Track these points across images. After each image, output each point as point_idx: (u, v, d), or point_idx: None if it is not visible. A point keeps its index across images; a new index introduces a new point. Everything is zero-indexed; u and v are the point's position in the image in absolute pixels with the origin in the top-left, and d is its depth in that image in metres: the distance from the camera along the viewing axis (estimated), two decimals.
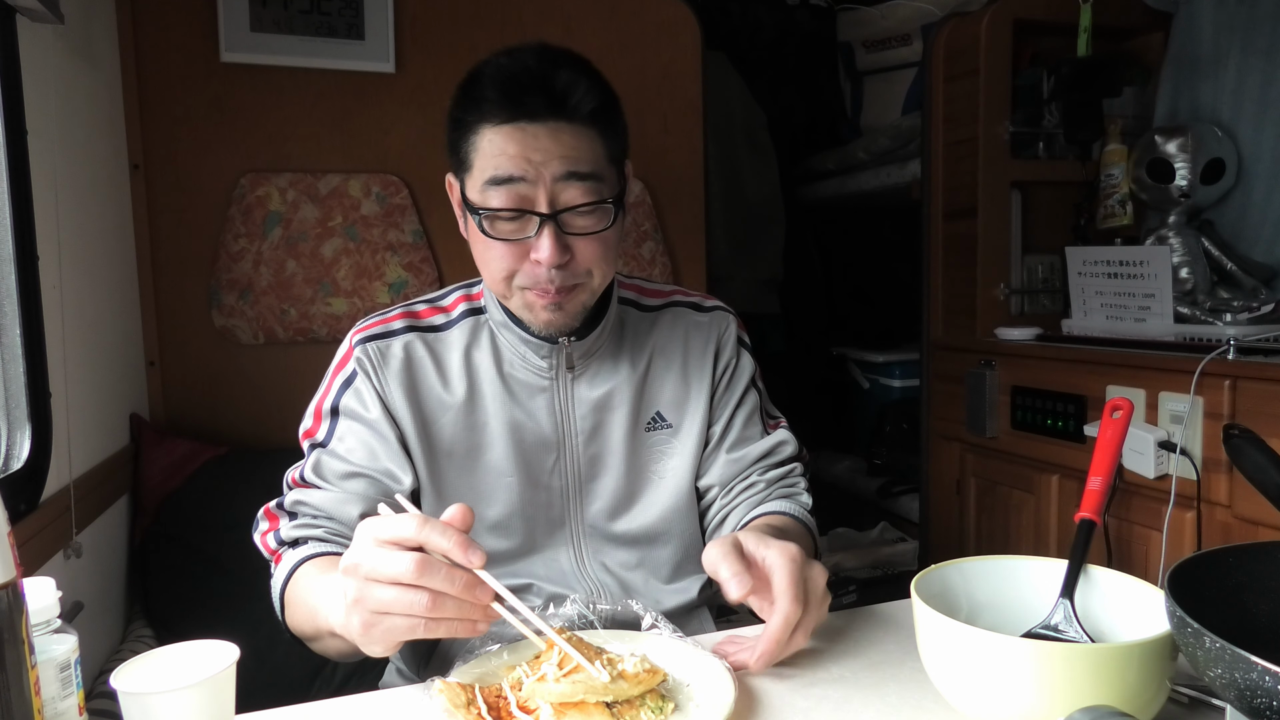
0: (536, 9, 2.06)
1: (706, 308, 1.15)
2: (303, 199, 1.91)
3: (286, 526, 0.97)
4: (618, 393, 1.06)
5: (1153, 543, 1.61)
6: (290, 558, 0.95)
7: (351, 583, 0.71)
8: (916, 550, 2.57)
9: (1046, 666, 0.63)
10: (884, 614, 0.95)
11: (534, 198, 0.91)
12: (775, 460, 1.12)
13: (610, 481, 1.05)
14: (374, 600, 0.69)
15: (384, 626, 0.70)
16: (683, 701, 0.75)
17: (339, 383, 1.02)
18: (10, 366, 1.25)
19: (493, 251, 0.94)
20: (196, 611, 1.58)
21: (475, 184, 0.93)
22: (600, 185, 0.93)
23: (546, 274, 0.92)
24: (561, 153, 0.90)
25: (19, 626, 0.59)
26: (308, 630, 0.91)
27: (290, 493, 1.00)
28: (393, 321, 1.04)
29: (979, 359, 2.03)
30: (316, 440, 1.01)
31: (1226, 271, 1.86)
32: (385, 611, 0.69)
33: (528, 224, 0.92)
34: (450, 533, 0.69)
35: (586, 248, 0.94)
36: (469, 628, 0.71)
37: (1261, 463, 1.12)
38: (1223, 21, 1.90)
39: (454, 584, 0.68)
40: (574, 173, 0.91)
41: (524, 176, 0.90)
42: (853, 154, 2.86)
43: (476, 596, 0.69)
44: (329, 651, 0.92)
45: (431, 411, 1.01)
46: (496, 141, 0.91)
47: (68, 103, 1.46)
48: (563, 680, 0.70)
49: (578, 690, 0.70)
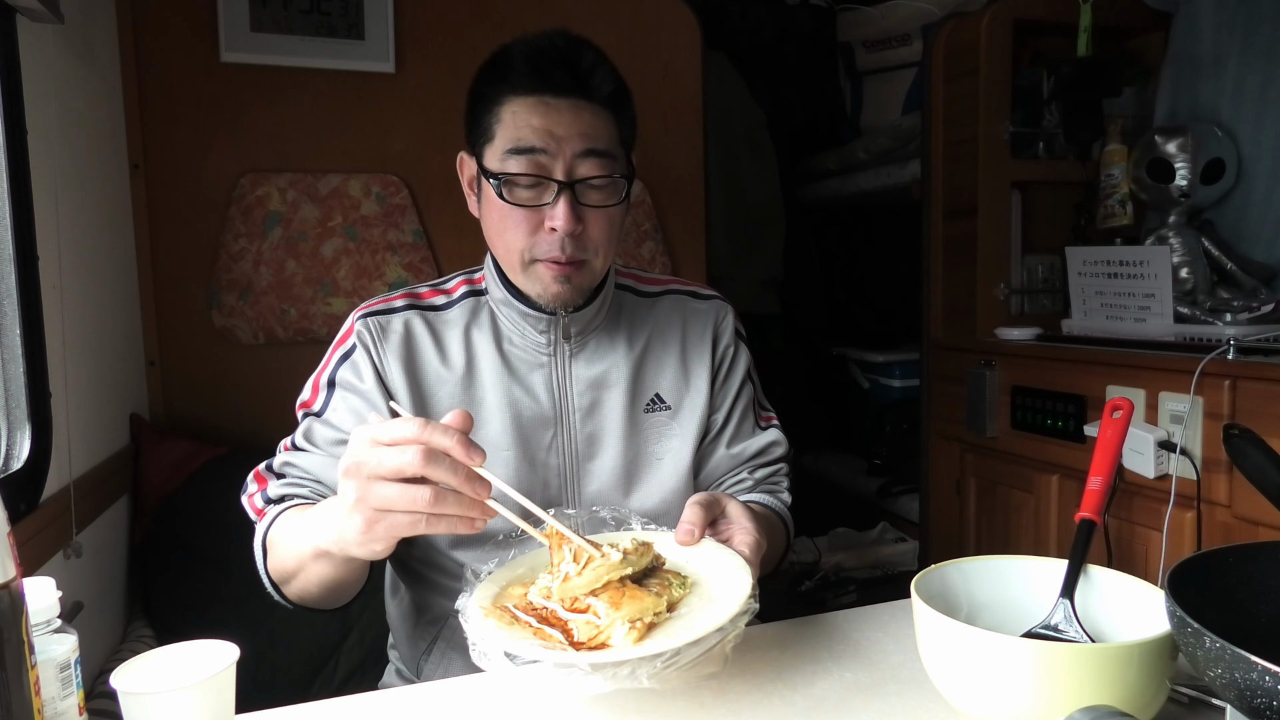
0: (536, 9, 2.05)
1: (704, 295, 1.18)
2: (303, 199, 1.91)
3: (274, 486, 1.00)
4: (615, 371, 1.07)
5: (1153, 543, 1.61)
6: (274, 511, 0.97)
7: (352, 483, 0.73)
8: (916, 550, 2.57)
9: (1046, 666, 0.63)
10: (884, 614, 0.95)
11: (552, 168, 0.95)
12: (766, 460, 1.16)
13: (608, 461, 1.06)
14: (377, 498, 0.72)
15: (386, 523, 0.73)
16: (694, 574, 0.81)
17: (338, 356, 1.04)
18: (10, 366, 1.25)
19: (508, 221, 0.97)
20: (196, 611, 1.58)
21: (496, 153, 0.97)
22: (614, 164, 0.98)
23: (560, 242, 0.96)
24: (581, 129, 0.96)
25: (19, 626, 0.59)
26: (289, 565, 0.91)
27: (280, 455, 1.03)
28: (395, 301, 1.07)
29: (979, 359, 2.02)
30: (311, 410, 1.04)
31: (1226, 271, 1.86)
32: (388, 508, 0.72)
33: (544, 192, 0.96)
34: (451, 432, 0.72)
35: (596, 223, 0.98)
36: (467, 524, 0.73)
37: (1261, 463, 1.12)
38: (1223, 21, 1.89)
39: (456, 474, 0.71)
40: (592, 149, 0.96)
41: (545, 149, 0.95)
42: (853, 154, 2.86)
43: (476, 490, 0.72)
44: (310, 583, 0.91)
45: (429, 386, 1.03)
46: (520, 113, 0.95)
47: (68, 103, 1.46)
48: (584, 571, 0.74)
49: (600, 574, 0.74)
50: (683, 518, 0.85)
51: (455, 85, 2.10)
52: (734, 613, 0.73)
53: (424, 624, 1.08)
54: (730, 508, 0.89)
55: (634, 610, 0.72)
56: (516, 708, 0.78)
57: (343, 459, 0.74)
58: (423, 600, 1.07)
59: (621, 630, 0.71)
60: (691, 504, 0.86)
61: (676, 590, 0.78)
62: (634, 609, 0.72)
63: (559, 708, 0.77)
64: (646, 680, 0.69)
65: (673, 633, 0.72)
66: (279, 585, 0.96)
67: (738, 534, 0.86)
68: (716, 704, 0.77)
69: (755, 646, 0.88)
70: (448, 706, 0.79)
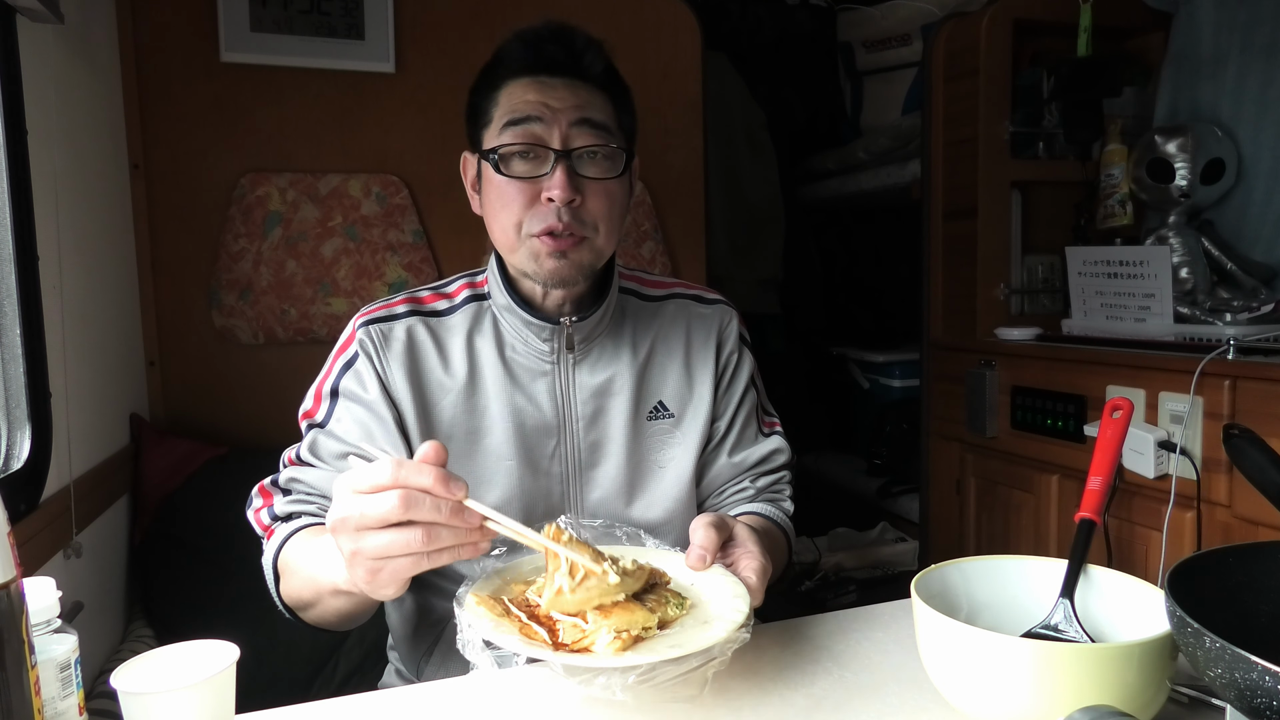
0: (536, 9, 2.04)
1: (709, 300, 1.16)
2: (303, 199, 1.91)
3: (280, 502, 0.99)
4: (618, 379, 1.06)
5: (1153, 543, 1.61)
6: (283, 530, 0.96)
7: (344, 538, 0.72)
8: (916, 550, 2.57)
9: (1046, 666, 0.63)
10: (884, 614, 0.95)
11: (548, 137, 0.96)
12: (768, 468, 1.15)
13: (611, 470, 1.06)
14: (370, 548, 0.70)
15: (389, 570, 0.72)
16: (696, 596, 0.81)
17: (340, 364, 1.03)
18: (10, 366, 1.25)
19: (505, 196, 0.97)
20: (196, 611, 1.58)
21: (494, 131, 0.98)
22: (611, 136, 0.98)
23: (557, 212, 0.95)
24: (577, 102, 0.97)
25: (19, 626, 0.59)
26: (306, 595, 0.91)
27: (286, 470, 1.02)
28: (396, 306, 1.05)
29: (979, 359, 2.02)
30: (315, 421, 1.02)
31: (1226, 271, 1.86)
32: (384, 556, 0.71)
33: (541, 162, 0.96)
34: (426, 469, 0.70)
35: (595, 198, 0.97)
36: (470, 550, 0.73)
37: (1261, 463, 1.12)
38: (1223, 21, 1.89)
39: (441, 512, 0.70)
40: (587, 119, 0.97)
41: (540, 117, 0.95)
42: (853, 154, 2.86)
43: (465, 521, 0.71)
44: (328, 613, 0.91)
45: (432, 394, 1.02)
46: (516, 91, 0.97)
47: (68, 103, 1.46)
48: (578, 589, 0.73)
49: (593, 596, 0.73)
50: (696, 541, 0.84)
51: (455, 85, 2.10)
52: (720, 639, 0.72)
53: (425, 627, 1.08)
54: (738, 531, 0.88)
55: (622, 621, 0.72)
56: (516, 708, 0.78)
57: (329, 514, 0.73)
58: (424, 604, 1.07)
59: (606, 638, 0.71)
60: (706, 526, 0.84)
61: (672, 610, 0.77)
62: (622, 620, 0.72)
63: (558, 708, 0.77)
64: (620, 693, 0.68)
65: (657, 649, 0.71)
66: (292, 609, 0.96)
67: (744, 559, 0.85)
68: (717, 704, 0.77)
69: (755, 646, 0.87)
70: (448, 706, 0.79)
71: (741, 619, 0.75)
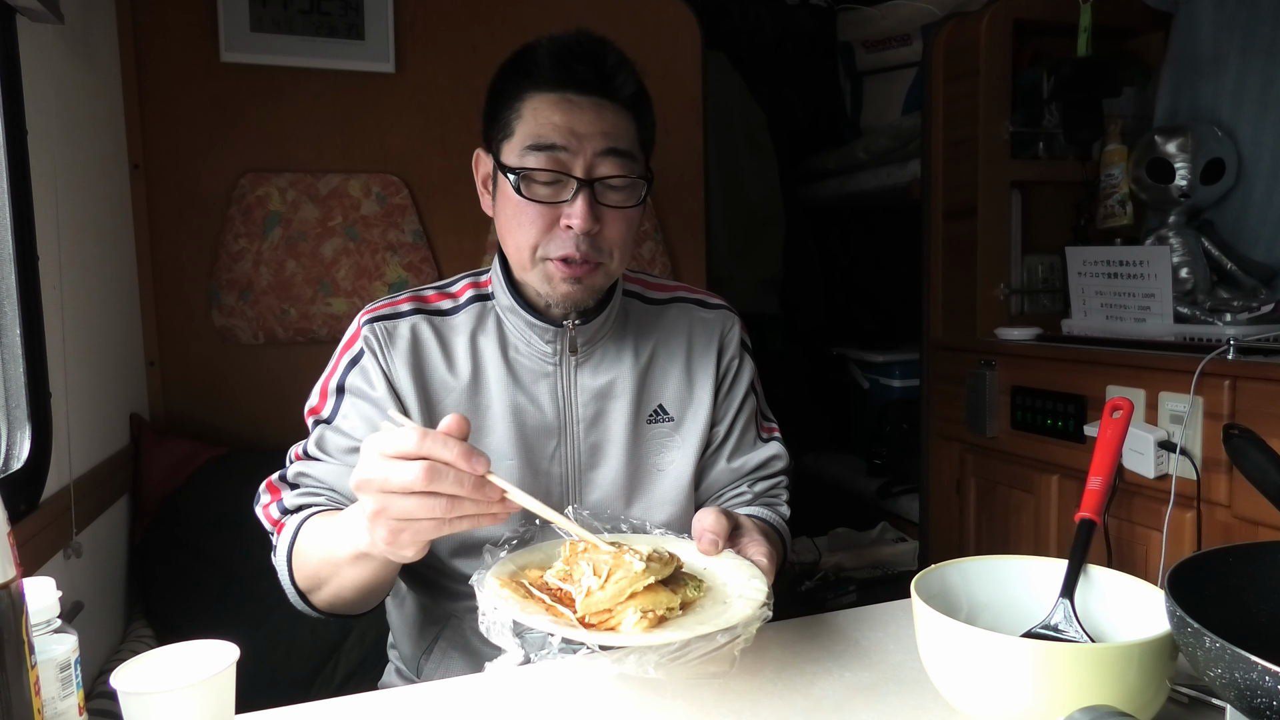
0: (536, 9, 2.05)
1: (712, 305, 1.16)
2: (303, 199, 1.91)
3: (289, 496, 0.99)
4: (620, 382, 1.06)
5: (1153, 543, 1.61)
6: (294, 521, 0.97)
7: (368, 497, 0.74)
8: (916, 550, 2.57)
9: (1046, 666, 0.63)
10: (884, 614, 0.95)
11: (572, 166, 0.94)
12: (766, 473, 1.15)
13: (610, 472, 1.06)
14: (395, 509, 0.72)
15: (410, 531, 0.74)
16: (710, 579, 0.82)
17: (345, 361, 1.03)
18: (10, 366, 1.25)
19: (523, 217, 0.96)
20: (196, 611, 1.58)
21: (515, 148, 0.96)
22: (634, 164, 0.98)
23: (575, 240, 0.95)
24: (604, 129, 0.95)
25: (19, 626, 0.59)
26: (323, 573, 0.91)
27: (293, 465, 1.02)
28: (401, 304, 1.06)
29: (979, 359, 2.02)
30: (321, 417, 1.03)
31: (1226, 271, 1.86)
32: (408, 518, 0.72)
33: (563, 189, 0.95)
34: (451, 443, 0.72)
35: (613, 225, 0.97)
36: (491, 519, 0.74)
37: (1261, 463, 1.12)
38: (1223, 21, 1.89)
39: (464, 485, 0.71)
40: (613, 149, 0.95)
41: (566, 146, 0.94)
42: (853, 154, 2.86)
43: (486, 494, 0.73)
44: (345, 588, 0.91)
45: (435, 393, 1.03)
46: (542, 110, 0.95)
47: (68, 103, 1.46)
48: (607, 585, 0.73)
49: (624, 587, 0.73)
50: (706, 526, 0.85)
51: (455, 85, 2.12)
52: (747, 615, 0.73)
53: (425, 624, 1.08)
54: (742, 521, 0.90)
55: (647, 601, 0.72)
56: (516, 707, 0.78)
57: (355, 471, 0.75)
58: (425, 601, 1.07)
59: (633, 618, 0.71)
60: (712, 513, 0.86)
61: (691, 591, 0.78)
62: (647, 600, 0.73)
63: (558, 705, 0.77)
64: (653, 670, 0.69)
65: (684, 627, 0.72)
66: (307, 594, 0.96)
67: (751, 545, 0.87)
68: (717, 704, 0.77)
69: (755, 646, 0.87)
70: (448, 706, 0.79)
71: (762, 597, 0.76)
